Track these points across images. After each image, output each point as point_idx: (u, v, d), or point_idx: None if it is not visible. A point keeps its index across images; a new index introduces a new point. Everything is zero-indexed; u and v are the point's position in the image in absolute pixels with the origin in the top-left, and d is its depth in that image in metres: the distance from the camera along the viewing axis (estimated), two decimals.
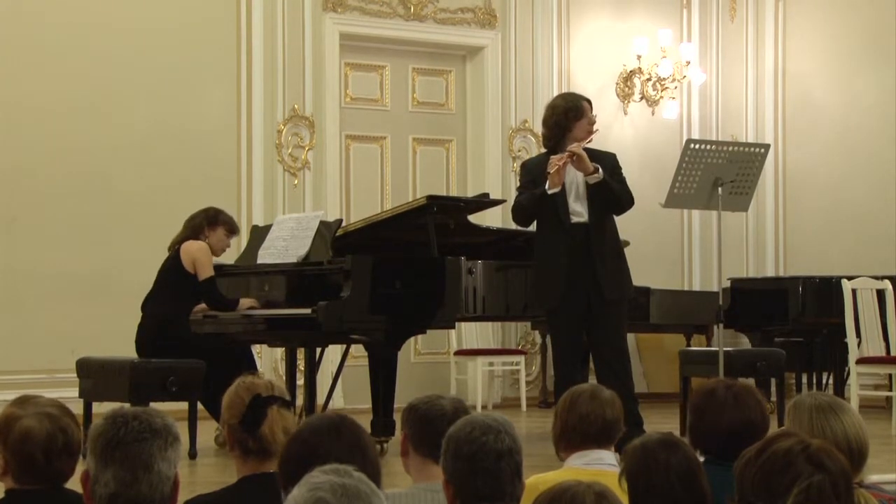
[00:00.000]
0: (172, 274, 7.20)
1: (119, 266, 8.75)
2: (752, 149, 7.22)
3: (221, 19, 9.37)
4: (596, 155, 6.87)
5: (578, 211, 6.78)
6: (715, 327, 8.76)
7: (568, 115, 6.83)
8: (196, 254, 7.18)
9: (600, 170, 6.68)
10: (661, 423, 7.94)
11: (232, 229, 7.46)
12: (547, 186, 6.73)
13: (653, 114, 11.01)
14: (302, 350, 7.95)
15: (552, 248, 6.82)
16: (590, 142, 6.80)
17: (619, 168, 6.95)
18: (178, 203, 8.71)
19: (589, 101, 7.00)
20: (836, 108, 10.70)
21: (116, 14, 9.02)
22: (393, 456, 2.66)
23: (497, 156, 10.45)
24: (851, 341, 8.13)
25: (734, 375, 7.25)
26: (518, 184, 7.24)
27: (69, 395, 6.57)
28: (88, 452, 2.59)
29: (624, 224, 7.08)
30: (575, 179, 6.78)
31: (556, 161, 6.69)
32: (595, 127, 6.91)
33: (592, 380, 7.04)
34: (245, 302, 7.23)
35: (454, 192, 10.30)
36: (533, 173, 6.91)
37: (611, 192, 6.73)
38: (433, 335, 9.44)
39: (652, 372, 10.92)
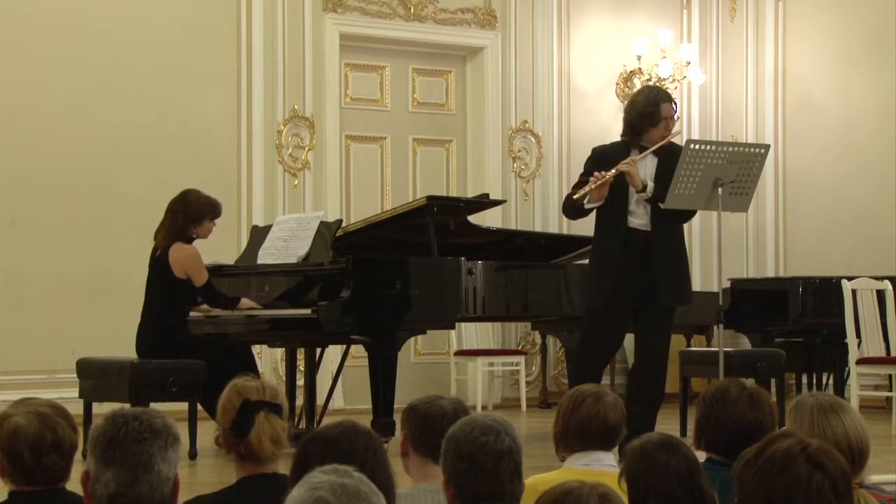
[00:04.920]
0: (165, 282, 7.07)
1: (119, 266, 8.74)
2: (752, 149, 7.20)
3: (221, 20, 9.37)
4: (677, 153, 6.67)
5: (641, 216, 6.61)
6: (715, 328, 8.77)
7: (643, 120, 6.63)
8: (185, 263, 7.06)
9: (648, 187, 6.52)
10: (661, 423, 7.91)
11: (214, 214, 7.22)
12: (586, 201, 6.56)
13: None
14: (302, 350, 7.95)
15: (606, 249, 6.67)
16: (663, 145, 6.61)
17: None
18: None
19: (670, 101, 6.73)
20: (836, 109, 10.71)
21: (116, 14, 9.02)
22: (393, 456, 2.65)
23: (497, 156, 10.45)
24: (851, 342, 8.12)
25: (734, 376, 7.24)
26: (582, 170, 6.84)
27: (69, 395, 6.58)
28: (88, 453, 2.59)
29: None
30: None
31: (598, 177, 6.47)
32: (675, 128, 6.67)
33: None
34: (245, 303, 7.21)
35: (454, 193, 10.31)
36: (597, 164, 6.64)
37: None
38: (433, 335, 9.45)
39: None
